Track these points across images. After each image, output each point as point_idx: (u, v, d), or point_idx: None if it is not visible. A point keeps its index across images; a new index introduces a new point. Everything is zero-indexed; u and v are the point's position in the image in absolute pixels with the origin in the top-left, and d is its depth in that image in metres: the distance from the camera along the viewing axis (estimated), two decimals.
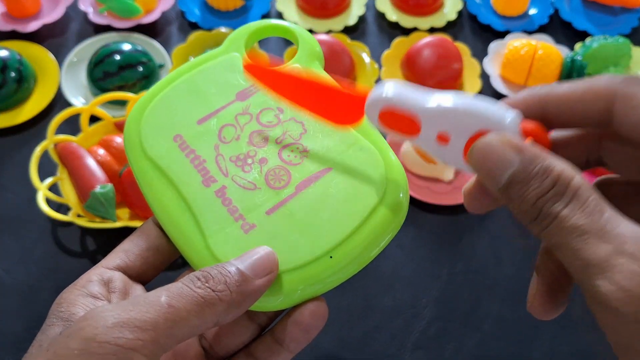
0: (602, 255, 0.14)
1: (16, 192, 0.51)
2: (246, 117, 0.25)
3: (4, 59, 0.54)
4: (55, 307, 0.20)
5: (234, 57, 0.26)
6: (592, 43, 0.60)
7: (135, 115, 0.25)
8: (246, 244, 0.22)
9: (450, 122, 0.19)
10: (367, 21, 0.66)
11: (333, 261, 0.22)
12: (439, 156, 0.20)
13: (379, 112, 0.21)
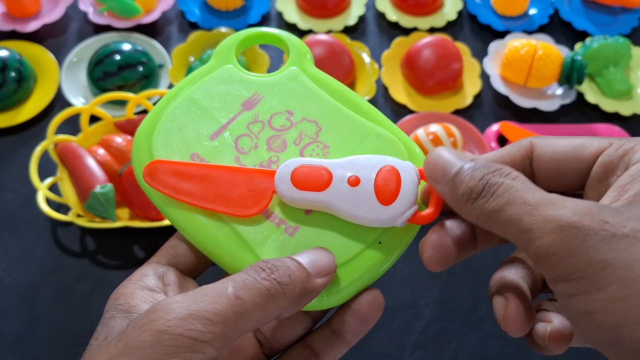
0: (536, 221, 0.16)
1: (16, 192, 0.51)
2: (258, 125, 0.25)
3: (4, 59, 0.54)
4: (112, 301, 0.20)
5: (228, 69, 0.26)
6: (592, 43, 0.60)
7: (142, 141, 0.24)
8: (295, 246, 0.22)
9: (359, 165, 0.22)
10: (367, 21, 0.66)
11: (383, 246, 0.22)
12: (349, 200, 0.22)
13: (290, 176, 0.22)
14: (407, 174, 0.22)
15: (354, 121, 0.24)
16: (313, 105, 0.25)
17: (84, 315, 0.45)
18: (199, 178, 0.22)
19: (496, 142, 0.56)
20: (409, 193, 0.22)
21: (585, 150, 0.20)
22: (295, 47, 0.27)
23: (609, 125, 0.58)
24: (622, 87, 0.59)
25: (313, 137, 0.24)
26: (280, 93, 0.25)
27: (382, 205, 0.21)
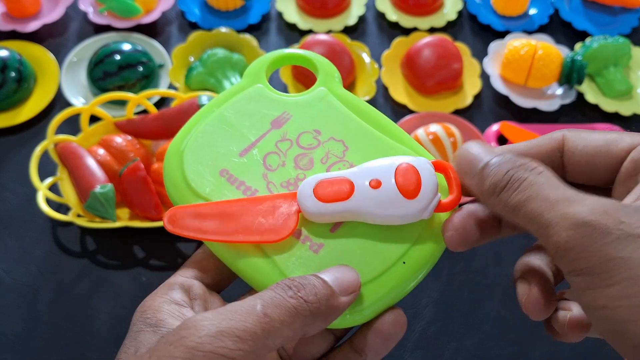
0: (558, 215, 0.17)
1: (16, 191, 0.51)
2: (286, 143, 0.25)
3: (4, 59, 0.54)
4: (139, 314, 0.20)
5: (258, 88, 0.27)
6: (592, 43, 0.60)
7: (174, 156, 0.25)
8: (320, 263, 0.22)
9: (375, 168, 0.23)
10: (367, 21, 0.66)
11: (406, 267, 0.22)
12: (375, 201, 0.22)
13: (313, 192, 0.22)
14: (423, 168, 0.22)
15: (380, 141, 0.25)
16: (340, 125, 0.25)
17: (84, 315, 0.45)
18: (221, 215, 0.23)
19: (496, 142, 0.56)
20: (430, 184, 0.22)
21: (617, 145, 0.20)
22: (324, 69, 0.27)
23: (609, 125, 0.57)
24: (622, 87, 0.59)
25: (340, 156, 0.25)
26: (309, 112, 0.26)
27: (407, 199, 0.22)
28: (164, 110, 0.50)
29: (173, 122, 0.49)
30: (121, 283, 0.47)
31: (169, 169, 0.24)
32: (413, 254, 0.23)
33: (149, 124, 0.50)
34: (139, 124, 0.50)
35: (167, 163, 0.25)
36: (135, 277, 0.47)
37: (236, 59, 0.58)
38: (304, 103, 0.26)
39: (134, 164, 0.45)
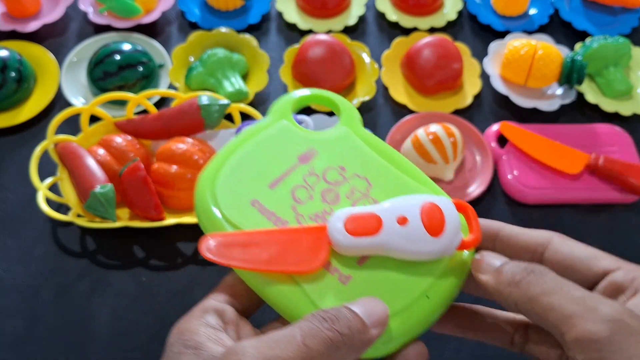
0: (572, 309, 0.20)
1: (16, 192, 0.51)
2: (313, 178, 0.27)
3: (4, 59, 0.54)
4: (176, 336, 0.21)
5: (285, 124, 0.28)
6: (592, 43, 0.60)
7: (206, 187, 0.26)
8: (348, 295, 0.23)
9: (402, 205, 0.24)
10: (367, 21, 0.66)
11: (430, 301, 0.24)
12: (403, 237, 0.23)
13: (343, 226, 0.24)
14: (446, 207, 0.24)
15: (401, 180, 0.27)
16: (363, 162, 0.27)
17: (84, 315, 0.45)
18: (255, 244, 0.23)
19: (496, 142, 0.56)
20: (454, 222, 0.24)
21: (598, 262, 0.23)
22: (347, 110, 0.29)
23: (609, 125, 0.57)
24: (622, 87, 0.59)
25: (364, 193, 0.26)
26: (334, 150, 0.27)
27: (433, 237, 0.23)
28: (164, 110, 0.50)
29: (173, 122, 0.49)
30: (121, 283, 0.47)
31: (201, 199, 0.25)
32: (436, 289, 0.24)
33: (149, 124, 0.50)
34: (139, 124, 0.50)
35: (199, 193, 0.26)
36: (135, 277, 0.47)
37: (236, 59, 0.58)
38: (328, 140, 0.28)
39: (134, 164, 0.45)
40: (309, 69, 0.56)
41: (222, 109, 0.49)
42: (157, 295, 0.46)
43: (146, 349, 0.44)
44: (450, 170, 0.52)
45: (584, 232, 0.52)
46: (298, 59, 0.57)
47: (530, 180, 0.52)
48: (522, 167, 0.53)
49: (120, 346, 0.44)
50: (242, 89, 0.56)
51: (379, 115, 0.58)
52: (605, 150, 0.55)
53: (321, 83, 0.56)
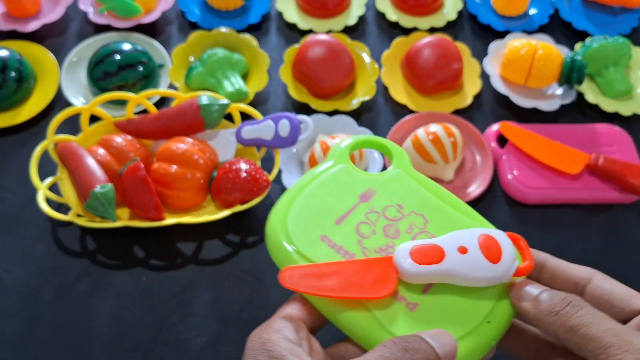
0: (610, 341, 0.22)
1: (16, 191, 0.51)
2: (375, 215, 0.29)
3: (4, 59, 0.54)
4: (258, 345, 0.23)
5: (344, 168, 0.31)
6: (592, 43, 0.60)
7: (277, 226, 0.28)
8: (416, 321, 0.25)
9: (461, 237, 0.27)
10: (367, 21, 0.66)
11: (491, 325, 0.26)
12: (465, 265, 0.26)
13: (409, 256, 0.26)
14: (500, 237, 0.27)
15: (453, 216, 0.29)
16: (418, 200, 0.30)
17: (84, 315, 0.45)
18: (329, 274, 0.26)
19: (496, 142, 0.56)
20: (510, 250, 0.26)
21: (635, 300, 0.25)
22: (398, 154, 0.32)
23: (609, 125, 0.58)
24: (622, 87, 0.59)
25: (422, 228, 0.29)
26: (390, 189, 0.30)
27: (492, 264, 0.26)
28: (164, 110, 0.50)
29: (173, 121, 0.49)
30: (121, 283, 0.47)
31: (275, 237, 0.28)
32: (496, 314, 0.26)
33: (149, 123, 0.50)
34: (139, 124, 0.50)
35: (272, 231, 0.28)
36: (135, 276, 0.47)
37: (236, 59, 0.58)
38: (385, 181, 0.31)
39: (134, 164, 0.45)
40: (309, 68, 0.56)
41: (222, 109, 0.49)
42: (157, 295, 0.46)
43: (146, 348, 0.44)
44: (450, 170, 0.52)
45: (584, 232, 0.52)
46: (298, 59, 0.57)
47: (530, 180, 0.52)
48: (522, 167, 0.53)
49: (120, 346, 0.44)
50: (242, 89, 0.56)
51: (379, 115, 0.58)
52: (605, 150, 0.55)
53: (321, 83, 0.57)
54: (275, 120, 0.49)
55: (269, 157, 0.53)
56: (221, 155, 0.50)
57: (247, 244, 0.49)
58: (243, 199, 0.47)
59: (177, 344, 0.44)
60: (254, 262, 0.48)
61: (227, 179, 0.46)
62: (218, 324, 0.45)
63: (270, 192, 0.52)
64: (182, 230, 0.49)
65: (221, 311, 0.45)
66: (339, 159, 0.32)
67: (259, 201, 0.47)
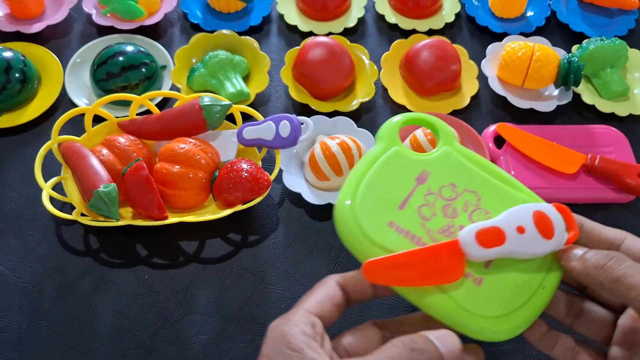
0: None
1: (20, 191, 0.52)
2: (432, 196, 0.31)
3: (8, 60, 0.55)
4: (279, 337, 0.25)
5: (397, 151, 0.32)
6: (589, 45, 0.61)
7: (350, 219, 0.30)
8: (484, 294, 0.29)
9: (520, 215, 0.29)
10: (366, 23, 0.67)
11: (546, 290, 0.29)
12: (524, 244, 0.29)
13: (474, 238, 0.29)
14: (550, 212, 0.30)
15: (502, 189, 0.32)
16: (469, 177, 0.32)
17: (87, 313, 0.46)
18: (406, 265, 0.28)
19: (494, 143, 0.56)
20: (560, 225, 0.29)
21: None
22: (445, 131, 0.33)
23: (606, 126, 0.58)
24: (619, 88, 0.60)
25: (476, 205, 0.31)
26: (443, 169, 0.32)
27: (546, 240, 0.29)
28: (166, 110, 0.51)
29: (175, 122, 0.50)
30: (124, 281, 0.47)
31: (350, 230, 0.29)
32: (549, 280, 0.29)
33: (152, 124, 0.51)
34: (142, 125, 0.51)
35: (346, 226, 0.30)
36: (137, 275, 0.48)
37: (237, 61, 0.59)
38: (436, 160, 0.32)
39: (136, 164, 0.46)
40: (309, 70, 0.57)
41: (224, 110, 0.50)
42: (159, 293, 0.47)
43: (149, 346, 0.44)
44: None
45: None
46: (298, 61, 0.58)
47: (528, 180, 0.53)
48: (519, 168, 0.54)
49: (123, 344, 0.44)
50: (244, 90, 0.57)
51: (378, 115, 0.59)
52: (602, 150, 0.56)
53: (321, 84, 0.57)
54: (276, 121, 0.50)
55: (269, 157, 0.54)
56: (223, 155, 0.51)
57: (248, 242, 0.50)
58: (244, 198, 0.47)
59: (179, 342, 0.44)
60: (254, 260, 0.49)
61: (228, 178, 0.47)
62: (219, 322, 0.45)
63: (271, 192, 0.53)
64: (184, 229, 0.49)
65: (222, 309, 0.46)
66: (389, 141, 0.33)
67: (259, 201, 0.47)
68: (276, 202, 0.52)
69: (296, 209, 0.52)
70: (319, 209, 0.52)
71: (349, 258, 0.49)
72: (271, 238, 0.50)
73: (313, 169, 0.50)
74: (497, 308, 0.29)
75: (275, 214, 0.52)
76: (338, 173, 0.50)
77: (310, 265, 0.49)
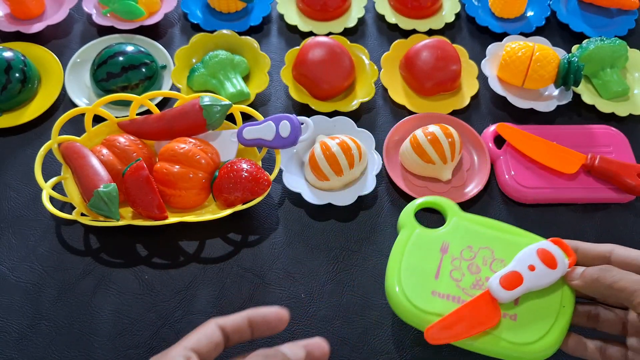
0: None
1: (20, 191, 0.52)
2: (457, 261, 0.40)
3: (8, 60, 0.55)
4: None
5: (419, 233, 0.42)
6: (588, 45, 0.61)
7: (402, 299, 0.39)
8: (521, 327, 0.37)
9: (527, 256, 0.38)
10: (366, 23, 0.67)
11: (567, 308, 0.38)
12: (538, 278, 0.37)
13: (500, 285, 0.37)
14: (549, 247, 0.38)
15: (507, 239, 0.41)
16: (480, 237, 0.41)
17: (87, 313, 0.46)
18: (456, 322, 0.37)
19: (493, 143, 0.56)
20: (560, 255, 0.38)
21: None
22: (451, 207, 0.43)
23: (606, 126, 0.58)
24: (619, 88, 0.60)
25: (492, 257, 0.40)
26: (458, 237, 0.41)
27: (553, 270, 0.38)
28: (166, 110, 0.51)
29: (175, 122, 0.50)
30: (124, 281, 0.47)
31: (403, 308, 0.38)
32: (566, 300, 0.38)
33: (152, 124, 0.51)
34: (142, 125, 0.51)
35: (398, 306, 0.39)
36: (137, 275, 0.48)
37: (237, 61, 0.59)
38: (451, 231, 0.42)
39: (136, 164, 0.46)
40: (309, 70, 0.57)
41: (224, 110, 0.50)
42: (159, 293, 0.47)
43: (149, 346, 0.44)
44: (448, 171, 0.52)
45: (580, 231, 0.52)
46: (299, 61, 0.58)
47: (528, 180, 0.53)
48: (519, 168, 0.54)
49: (123, 343, 0.44)
50: (244, 90, 0.57)
51: (378, 116, 0.59)
52: (602, 150, 0.56)
53: (321, 84, 0.57)
54: (276, 121, 0.50)
55: (269, 157, 0.54)
56: (223, 155, 0.51)
57: (248, 242, 0.50)
58: (244, 198, 0.47)
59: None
60: (254, 260, 0.49)
61: (228, 178, 0.47)
62: None
63: (271, 192, 0.53)
64: (184, 229, 0.49)
65: (222, 309, 0.46)
66: (411, 226, 0.42)
67: (259, 201, 0.48)
68: (276, 202, 0.52)
69: (296, 209, 0.52)
70: (319, 208, 0.52)
71: (349, 258, 0.49)
72: (271, 238, 0.50)
73: (313, 169, 0.50)
74: (534, 334, 0.37)
75: (275, 214, 0.52)
76: (338, 173, 0.50)
77: (310, 265, 0.49)
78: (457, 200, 0.51)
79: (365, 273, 0.48)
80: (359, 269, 0.49)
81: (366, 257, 0.49)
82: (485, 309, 0.37)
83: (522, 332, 0.37)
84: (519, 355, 0.36)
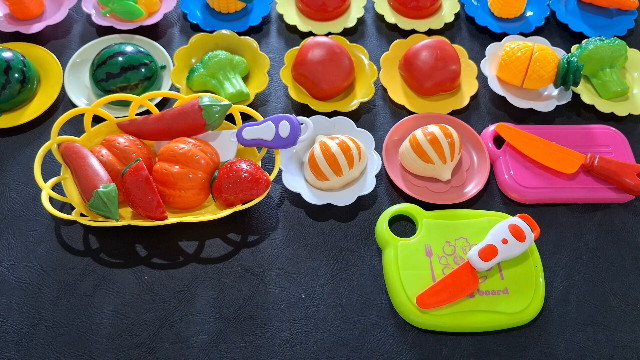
0: None
1: (20, 191, 0.52)
2: (444, 258, 0.47)
3: (8, 60, 0.55)
4: None
5: (401, 245, 0.47)
6: (588, 44, 0.61)
7: (399, 291, 0.45)
8: (510, 298, 0.45)
9: (500, 231, 0.46)
10: (366, 23, 0.67)
11: (538, 267, 0.47)
12: (510, 250, 0.45)
13: (478, 256, 0.45)
14: (517, 222, 0.47)
15: (477, 223, 0.49)
16: (452, 230, 0.48)
17: (86, 313, 0.46)
18: (442, 289, 0.44)
19: (493, 143, 0.56)
20: (527, 228, 0.46)
21: None
22: (417, 210, 0.50)
23: (605, 126, 0.58)
24: (618, 88, 0.60)
25: (469, 244, 0.48)
26: (434, 237, 0.48)
27: (522, 242, 0.46)
28: (165, 111, 0.51)
29: (175, 122, 0.50)
30: (123, 281, 0.47)
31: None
32: (535, 260, 0.47)
33: (151, 124, 0.51)
34: (142, 125, 0.51)
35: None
36: (137, 275, 0.48)
37: (237, 61, 0.59)
38: (427, 234, 0.48)
39: (136, 164, 0.46)
40: (308, 70, 0.57)
41: (223, 110, 0.50)
42: (159, 293, 0.47)
43: (148, 345, 0.44)
44: (447, 170, 0.52)
45: (580, 231, 0.52)
46: (298, 61, 0.58)
47: (527, 180, 0.53)
48: (518, 167, 0.54)
49: (123, 343, 0.44)
50: (243, 90, 0.57)
51: (377, 116, 0.59)
52: (601, 150, 0.56)
53: (321, 84, 0.57)
54: (275, 121, 0.50)
55: (269, 157, 0.54)
56: (222, 155, 0.51)
57: (247, 242, 0.50)
58: (244, 198, 0.47)
59: (179, 341, 0.45)
60: (254, 260, 0.49)
61: (228, 178, 0.47)
62: (219, 322, 0.46)
63: (270, 192, 0.53)
64: (184, 229, 0.49)
65: (222, 309, 0.46)
66: (391, 242, 0.47)
67: (259, 201, 0.48)
68: (276, 202, 0.52)
69: (296, 209, 0.52)
70: (318, 208, 0.52)
71: (348, 258, 0.49)
72: (271, 238, 0.50)
73: (313, 169, 0.51)
74: (526, 299, 0.45)
75: (275, 214, 0.52)
76: (337, 173, 0.50)
77: (309, 265, 0.49)
78: (457, 200, 0.51)
79: (365, 273, 0.48)
80: (359, 269, 0.49)
81: (366, 257, 0.49)
82: (465, 277, 0.44)
83: (515, 300, 0.45)
84: (519, 320, 0.44)
